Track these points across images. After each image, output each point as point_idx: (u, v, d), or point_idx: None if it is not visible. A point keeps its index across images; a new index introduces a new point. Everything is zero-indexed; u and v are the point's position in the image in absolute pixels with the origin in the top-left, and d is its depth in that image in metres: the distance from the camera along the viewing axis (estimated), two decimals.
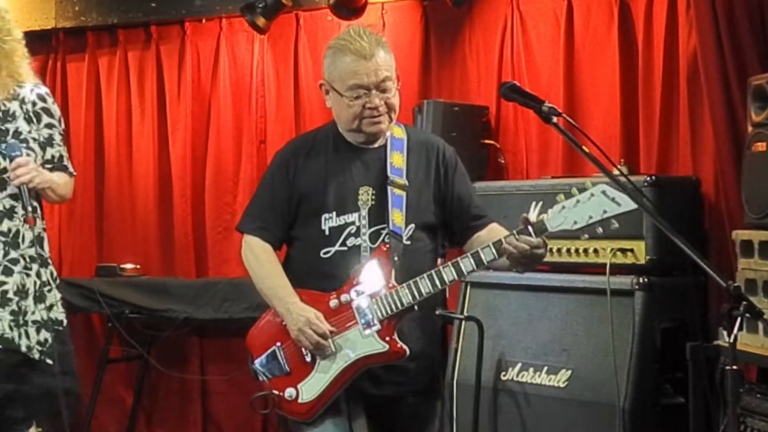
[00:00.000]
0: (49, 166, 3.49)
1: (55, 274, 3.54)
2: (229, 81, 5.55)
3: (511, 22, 4.85)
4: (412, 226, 2.82)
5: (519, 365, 4.09)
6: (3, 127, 3.41)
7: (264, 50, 5.46)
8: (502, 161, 4.83)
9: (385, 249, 2.79)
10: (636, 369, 3.74)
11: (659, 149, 4.44)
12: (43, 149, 3.47)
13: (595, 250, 3.96)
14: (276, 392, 2.83)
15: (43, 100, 3.51)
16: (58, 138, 3.54)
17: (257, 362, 2.89)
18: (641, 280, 3.80)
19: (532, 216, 2.68)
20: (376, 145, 2.90)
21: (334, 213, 2.84)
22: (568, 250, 4.04)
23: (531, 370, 4.05)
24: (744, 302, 2.21)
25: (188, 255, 5.57)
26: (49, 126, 3.51)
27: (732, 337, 2.23)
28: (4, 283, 3.36)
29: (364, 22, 5.11)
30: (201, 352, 5.56)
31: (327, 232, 2.83)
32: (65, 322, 3.52)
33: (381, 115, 2.82)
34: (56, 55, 5.83)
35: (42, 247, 3.46)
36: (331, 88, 2.85)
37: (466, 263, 2.71)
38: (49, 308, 3.46)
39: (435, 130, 4.59)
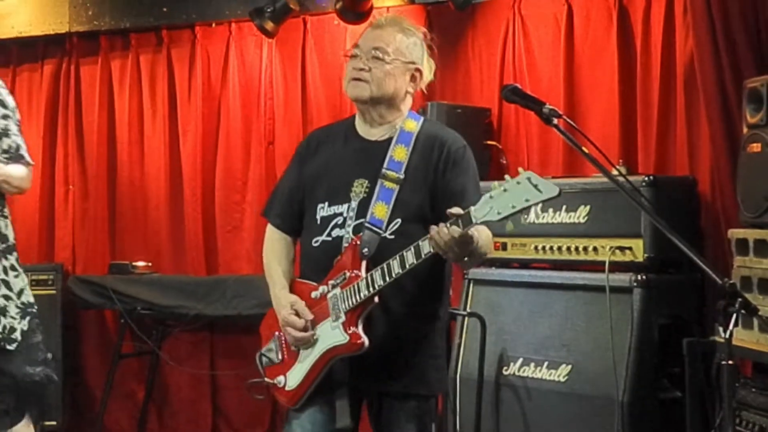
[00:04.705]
0: (6, 156, 3.45)
1: (16, 261, 3.48)
2: (239, 83, 5.57)
3: (513, 26, 4.88)
4: (399, 221, 2.76)
5: (520, 360, 4.11)
6: None
7: (272, 54, 5.50)
8: (504, 161, 4.84)
9: (356, 242, 2.75)
10: (634, 364, 3.75)
11: (657, 150, 4.45)
12: None
13: (595, 248, 3.97)
14: (269, 380, 2.90)
15: None
16: (14, 128, 3.48)
17: (263, 350, 2.95)
18: (639, 277, 3.81)
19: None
20: (383, 138, 2.87)
21: (326, 203, 2.84)
22: (568, 248, 4.06)
23: (532, 364, 4.07)
24: (739, 299, 2.21)
25: (198, 253, 5.58)
26: (4, 117, 3.46)
27: (728, 332, 2.21)
28: None
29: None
30: (211, 348, 5.58)
31: (318, 221, 2.84)
32: (35, 305, 3.50)
33: (361, 80, 2.79)
34: (70, 58, 5.87)
35: None
36: None
37: (409, 255, 2.63)
38: (19, 294, 3.44)
39: None
